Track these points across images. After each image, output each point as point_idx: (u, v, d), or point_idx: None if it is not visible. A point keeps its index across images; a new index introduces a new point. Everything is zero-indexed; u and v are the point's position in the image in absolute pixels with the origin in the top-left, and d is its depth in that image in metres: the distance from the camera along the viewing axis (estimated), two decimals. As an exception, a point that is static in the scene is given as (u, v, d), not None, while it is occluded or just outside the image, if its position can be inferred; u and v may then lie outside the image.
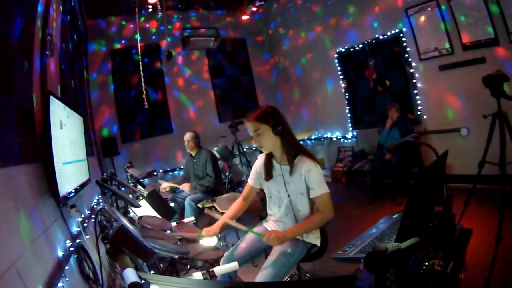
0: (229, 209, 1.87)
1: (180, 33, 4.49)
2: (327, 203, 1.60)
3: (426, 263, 0.88)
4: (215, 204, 2.74)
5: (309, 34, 5.65)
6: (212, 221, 1.80)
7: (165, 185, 3.64)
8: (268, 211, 1.85)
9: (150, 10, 4.43)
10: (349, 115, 5.22)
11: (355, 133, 5.17)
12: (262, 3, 5.22)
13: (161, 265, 2.04)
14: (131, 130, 5.42)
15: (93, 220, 1.61)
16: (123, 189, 2.53)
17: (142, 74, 3.87)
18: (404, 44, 4.14)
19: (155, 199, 2.07)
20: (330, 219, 1.62)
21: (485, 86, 1.82)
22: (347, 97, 5.21)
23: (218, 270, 1.23)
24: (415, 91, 4.15)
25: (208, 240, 1.65)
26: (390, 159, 3.74)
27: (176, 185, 3.51)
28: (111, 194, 1.82)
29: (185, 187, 3.52)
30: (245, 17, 5.71)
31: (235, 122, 4.61)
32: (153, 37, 5.57)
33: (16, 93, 1.44)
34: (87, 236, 1.95)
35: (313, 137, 5.92)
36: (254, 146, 5.67)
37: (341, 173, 4.98)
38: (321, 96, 5.69)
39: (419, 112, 4.15)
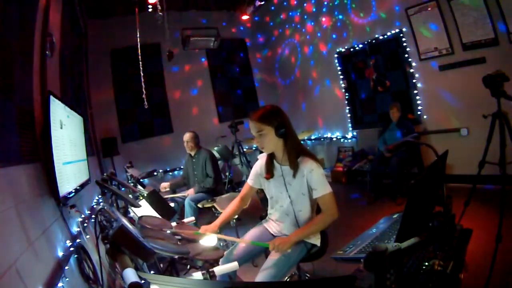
0: (226, 208, 1.87)
1: (180, 33, 4.49)
2: (331, 203, 1.59)
3: (426, 263, 0.88)
4: (215, 204, 2.74)
5: (309, 33, 5.65)
6: (211, 220, 1.80)
7: (165, 185, 3.64)
8: (269, 211, 1.85)
9: (150, 10, 4.43)
10: (349, 115, 5.21)
11: (355, 133, 5.17)
12: (262, 3, 5.21)
13: (161, 265, 2.04)
14: (131, 130, 5.42)
15: (93, 220, 1.61)
16: (123, 189, 2.53)
17: (142, 74, 3.87)
18: (404, 44, 4.14)
19: (155, 199, 2.07)
20: (334, 219, 1.59)
21: (485, 86, 1.82)
22: (347, 97, 5.20)
23: (218, 270, 1.23)
24: (415, 91, 4.15)
25: (208, 240, 1.65)
26: (390, 158, 3.74)
27: (181, 195, 3.51)
28: (111, 194, 1.82)
29: (189, 192, 3.51)
30: (245, 17, 5.71)
31: (235, 122, 4.61)
32: (153, 37, 5.56)
33: (16, 93, 1.44)
34: (87, 236, 1.96)
35: (313, 137, 5.92)
36: (254, 146, 5.67)
37: (341, 173, 4.98)
38: (321, 96, 5.68)
39: (419, 112, 4.15)
